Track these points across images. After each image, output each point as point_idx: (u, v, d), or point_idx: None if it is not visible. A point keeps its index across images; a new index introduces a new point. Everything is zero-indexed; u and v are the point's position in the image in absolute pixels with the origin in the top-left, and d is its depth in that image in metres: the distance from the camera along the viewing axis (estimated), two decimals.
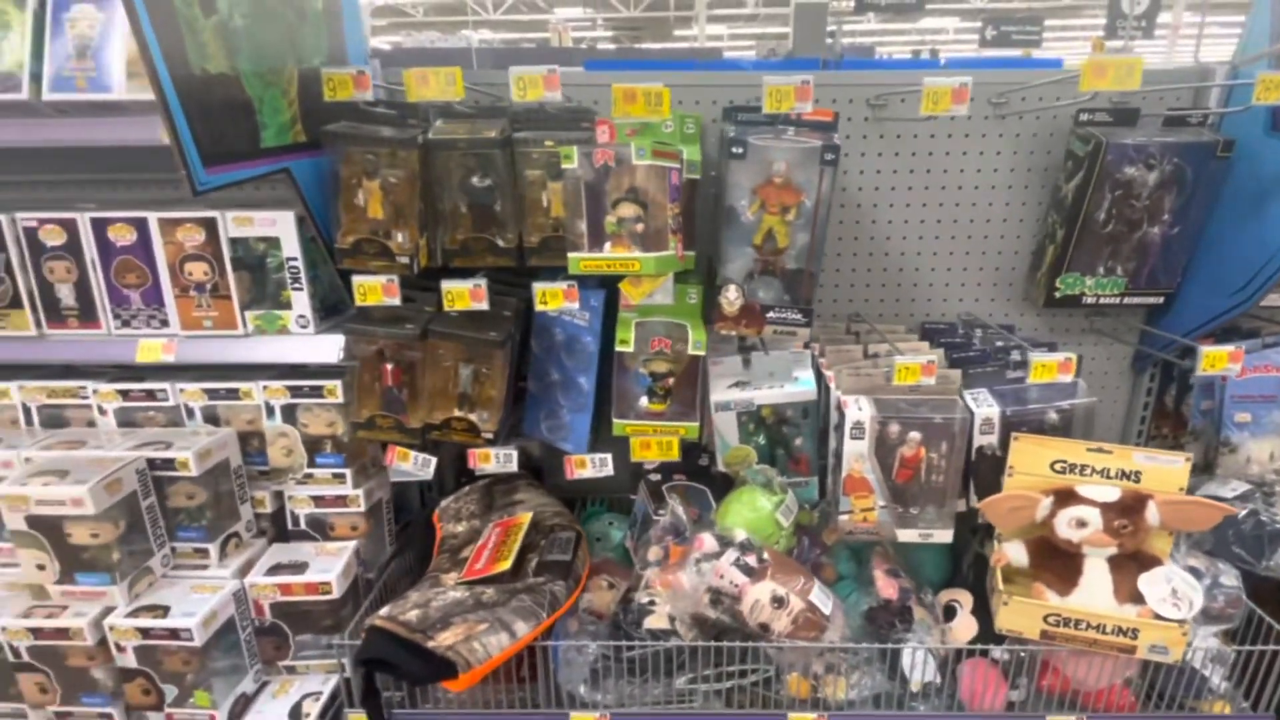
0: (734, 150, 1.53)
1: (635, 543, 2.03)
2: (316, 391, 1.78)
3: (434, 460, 1.74)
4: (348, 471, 1.82)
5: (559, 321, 1.82)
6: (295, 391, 1.78)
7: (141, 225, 1.65)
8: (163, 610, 1.57)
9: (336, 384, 1.77)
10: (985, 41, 17.23)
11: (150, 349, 1.71)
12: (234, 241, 1.65)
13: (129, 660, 1.57)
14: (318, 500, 1.84)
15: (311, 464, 1.82)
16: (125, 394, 1.78)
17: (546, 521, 1.89)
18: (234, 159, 1.32)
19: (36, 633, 1.55)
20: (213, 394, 1.79)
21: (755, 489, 1.86)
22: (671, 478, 2.04)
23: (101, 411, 1.80)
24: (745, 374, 1.87)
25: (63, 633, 1.54)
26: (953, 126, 1.92)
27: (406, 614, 1.58)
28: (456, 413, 1.74)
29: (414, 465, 1.74)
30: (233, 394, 1.79)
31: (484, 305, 1.58)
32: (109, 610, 1.58)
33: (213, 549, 1.71)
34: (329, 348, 1.70)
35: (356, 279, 1.57)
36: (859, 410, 1.64)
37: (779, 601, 1.64)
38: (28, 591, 1.60)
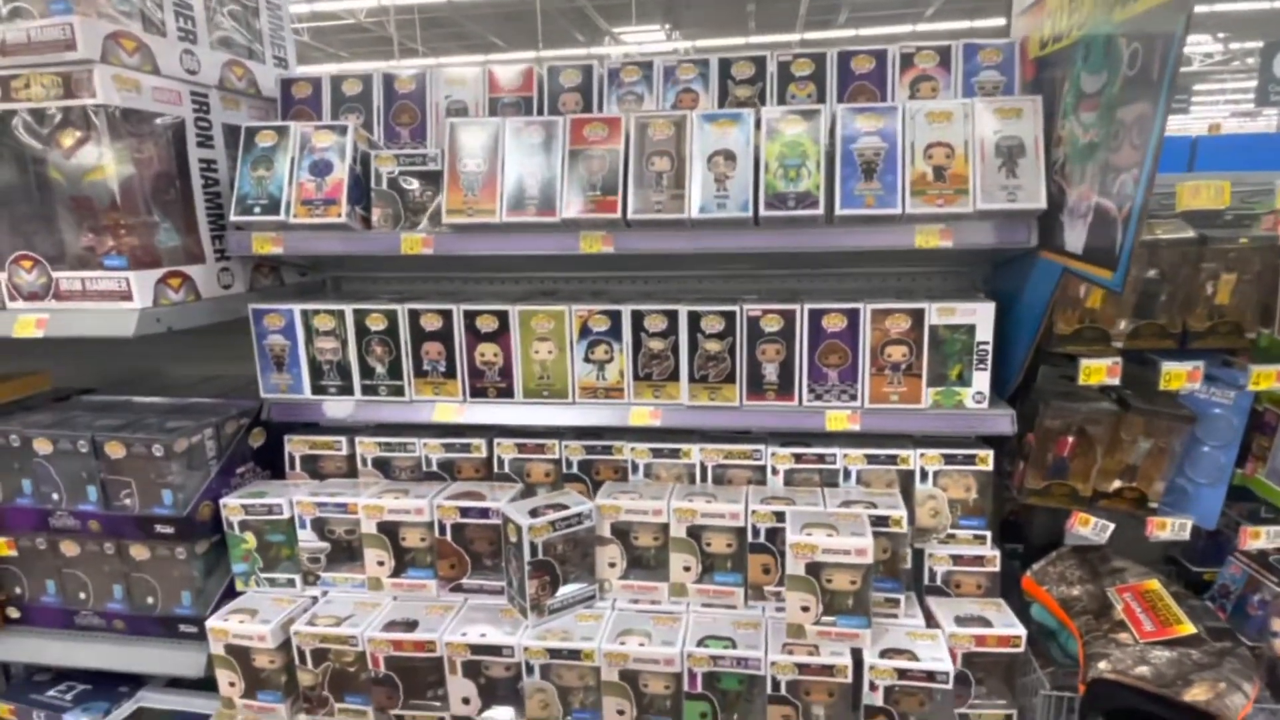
0: None
1: (1228, 614, 2.11)
2: (969, 459, 1.99)
3: (1111, 526, 1.90)
4: (988, 534, 2.01)
5: (1189, 399, 1.98)
6: (949, 459, 2.00)
7: (853, 315, 1.94)
8: (909, 654, 1.77)
9: (989, 453, 1.98)
10: None
11: (838, 419, 1.98)
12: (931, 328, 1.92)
13: (876, 699, 1.76)
14: (956, 559, 2.03)
15: (954, 525, 2.02)
16: (799, 457, 2.05)
17: (1169, 587, 2.00)
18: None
19: (803, 668, 1.77)
20: (872, 459, 2.03)
21: None
22: None
23: (774, 472, 2.07)
24: None
25: (827, 669, 1.76)
26: None
27: (1135, 669, 1.72)
28: (1117, 483, 1.92)
29: (1092, 530, 1.90)
30: (891, 459, 2.03)
31: (1197, 385, 1.77)
32: (858, 650, 1.79)
33: (903, 599, 1.92)
34: (1003, 421, 1.92)
35: (1085, 361, 1.79)
36: None
37: None
38: (783, 630, 1.83)
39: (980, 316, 1.91)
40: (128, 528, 1.97)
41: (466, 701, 1.88)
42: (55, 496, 2.02)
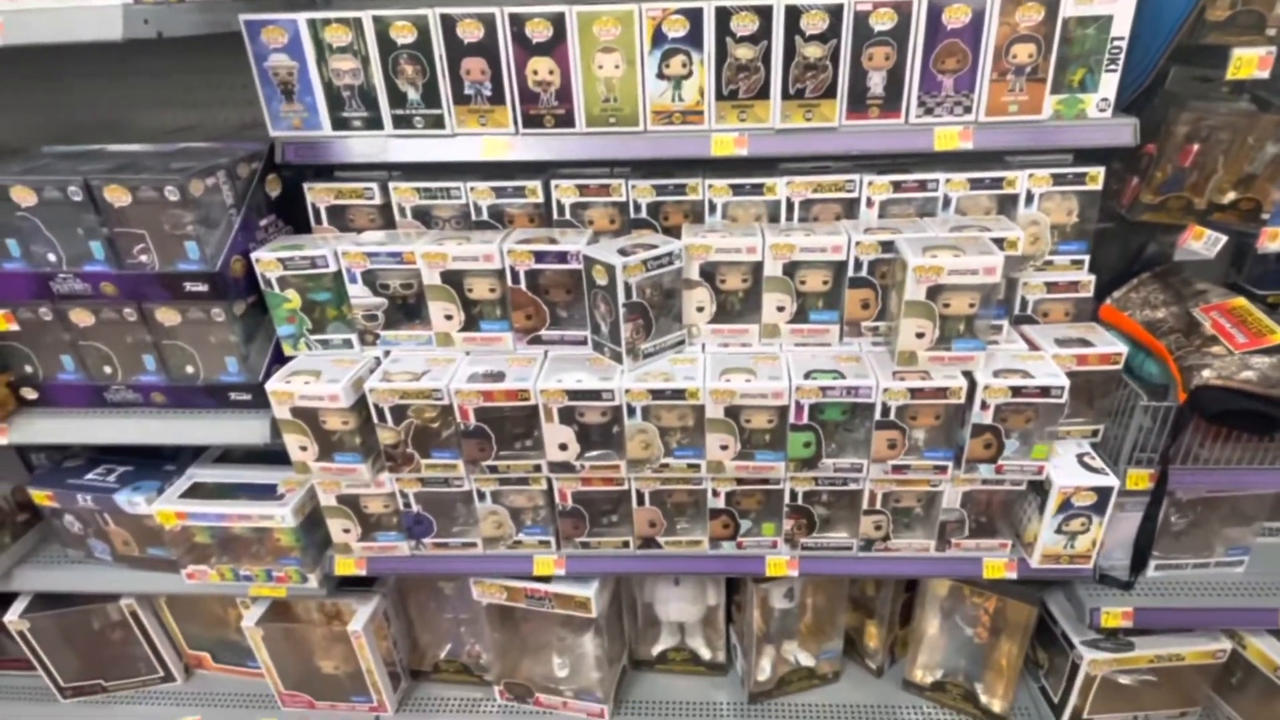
0: None
1: None
2: (1078, 179, 1.85)
3: (1224, 239, 1.83)
4: (1086, 258, 1.93)
5: None
6: (1059, 179, 1.85)
7: (979, 6, 1.67)
8: (1022, 373, 1.73)
9: (1100, 170, 1.84)
10: None
11: (948, 137, 1.78)
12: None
13: (986, 417, 1.75)
14: (1051, 286, 1.96)
15: (1053, 251, 1.93)
16: (898, 185, 1.88)
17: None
18: None
19: (915, 392, 1.73)
20: (976, 183, 1.87)
21: None
22: None
23: (869, 204, 1.90)
24: None
25: (941, 392, 1.72)
26: None
27: (1240, 374, 1.73)
28: (1232, 195, 1.82)
29: (1204, 244, 1.83)
30: (996, 183, 1.87)
31: None
32: (969, 373, 1.75)
33: (1005, 326, 1.87)
34: (1125, 132, 1.76)
35: (1237, 50, 1.59)
36: None
37: None
38: (895, 359, 1.77)
39: (1120, 5, 1.67)
40: (150, 288, 1.71)
41: (564, 447, 1.81)
42: (52, 257, 1.72)
